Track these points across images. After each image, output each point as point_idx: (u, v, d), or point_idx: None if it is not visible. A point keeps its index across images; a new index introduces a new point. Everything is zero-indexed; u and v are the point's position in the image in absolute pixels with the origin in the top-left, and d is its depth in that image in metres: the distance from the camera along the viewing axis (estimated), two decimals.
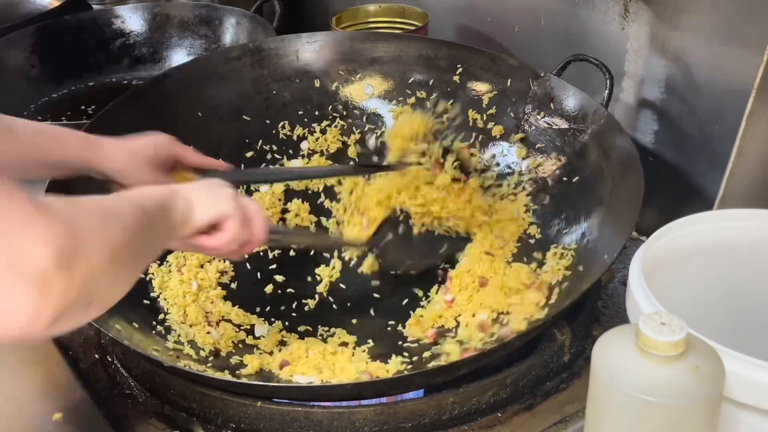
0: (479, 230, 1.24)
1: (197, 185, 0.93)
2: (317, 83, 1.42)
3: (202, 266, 1.22)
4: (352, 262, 1.26)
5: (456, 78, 1.36)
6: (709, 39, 1.15)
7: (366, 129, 1.41)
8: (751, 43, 1.04)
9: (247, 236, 0.95)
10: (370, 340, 1.12)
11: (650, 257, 0.90)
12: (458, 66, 1.37)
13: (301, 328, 1.15)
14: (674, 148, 1.25)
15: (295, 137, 1.40)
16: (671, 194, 1.24)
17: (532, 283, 1.12)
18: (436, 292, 1.19)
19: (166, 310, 1.14)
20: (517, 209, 1.25)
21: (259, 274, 1.25)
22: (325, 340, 1.12)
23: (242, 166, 1.35)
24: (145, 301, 1.15)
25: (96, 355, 1.11)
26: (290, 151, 1.39)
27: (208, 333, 1.11)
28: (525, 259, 1.19)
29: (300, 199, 1.35)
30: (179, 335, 1.09)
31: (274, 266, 1.26)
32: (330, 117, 1.41)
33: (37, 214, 0.63)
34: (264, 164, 1.38)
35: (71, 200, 0.70)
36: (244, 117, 1.39)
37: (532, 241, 1.21)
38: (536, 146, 1.29)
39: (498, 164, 1.32)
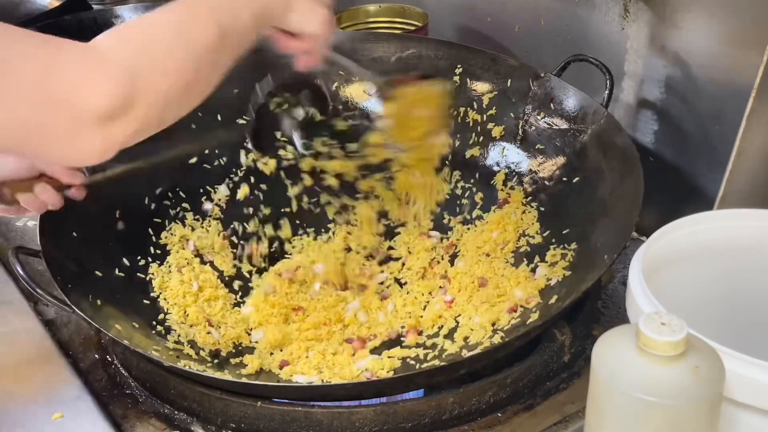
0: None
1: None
2: (317, 83, 1.42)
3: (203, 263, 1.23)
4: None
5: (456, 78, 1.36)
6: (709, 39, 1.15)
7: (365, 129, 1.41)
8: (751, 43, 1.04)
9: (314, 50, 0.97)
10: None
11: (650, 257, 0.90)
12: (458, 66, 1.37)
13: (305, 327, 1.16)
14: (674, 148, 1.25)
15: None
16: (671, 194, 1.24)
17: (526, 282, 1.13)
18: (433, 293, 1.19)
19: (166, 310, 1.14)
20: (517, 210, 1.25)
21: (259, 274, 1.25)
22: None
23: (241, 166, 1.36)
24: (145, 301, 1.15)
25: (96, 355, 1.11)
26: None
27: (208, 333, 1.12)
28: (525, 259, 1.19)
29: None
30: (179, 335, 1.10)
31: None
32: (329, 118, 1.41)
33: (91, 62, 0.68)
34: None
35: (134, 33, 0.73)
36: (244, 117, 1.38)
37: (532, 241, 1.21)
38: (536, 146, 1.29)
39: (498, 164, 1.32)
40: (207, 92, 0.81)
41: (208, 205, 1.31)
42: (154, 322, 1.11)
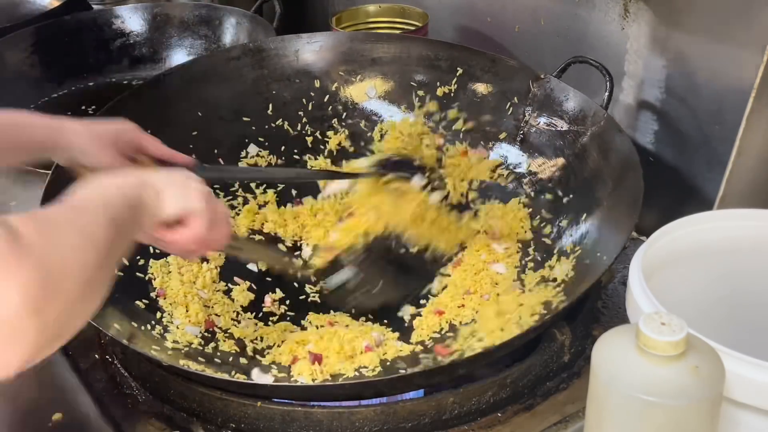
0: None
1: (168, 174, 0.90)
2: (317, 84, 1.42)
3: (204, 261, 1.23)
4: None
5: (456, 79, 1.36)
6: (709, 39, 1.15)
7: (365, 129, 1.41)
8: (751, 43, 1.04)
9: (209, 238, 0.92)
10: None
11: (650, 257, 0.90)
12: (458, 67, 1.37)
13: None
14: (674, 148, 1.25)
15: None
16: (671, 194, 1.24)
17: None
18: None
19: (165, 310, 1.14)
20: (517, 211, 1.25)
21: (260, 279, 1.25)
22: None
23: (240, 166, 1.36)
24: (145, 301, 1.15)
25: (96, 355, 1.11)
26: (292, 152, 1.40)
27: (208, 333, 1.12)
28: (524, 260, 1.19)
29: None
30: (179, 335, 1.09)
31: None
32: (329, 118, 1.42)
33: (7, 253, 0.60)
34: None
35: (45, 224, 0.66)
36: (244, 117, 1.39)
37: (532, 242, 1.21)
38: (536, 148, 1.29)
39: (498, 165, 1.32)
40: (103, 294, 0.72)
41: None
42: (154, 322, 1.11)
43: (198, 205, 0.90)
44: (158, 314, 1.13)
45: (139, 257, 1.20)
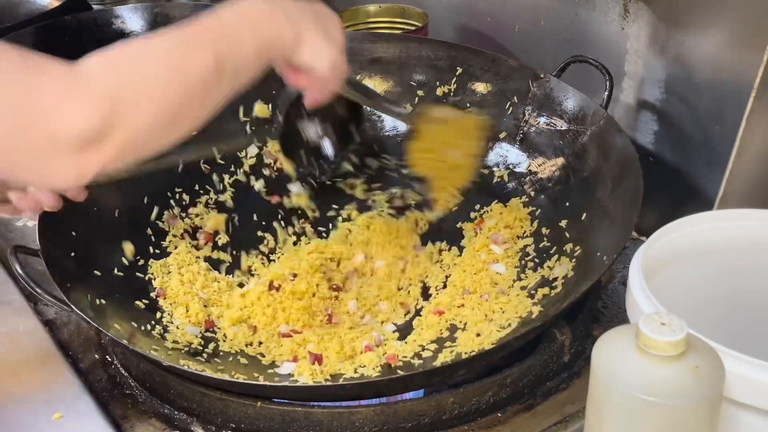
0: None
1: (313, 13, 0.88)
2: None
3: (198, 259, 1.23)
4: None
5: (455, 79, 1.36)
6: (709, 39, 1.15)
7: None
8: (751, 43, 1.04)
9: (323, 89, 0.94)
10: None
11: (650, 257, 0.90)
12: (458, 67, 1.37)
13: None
14: (674, 148, 1.25)
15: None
16: (671, 194, 1.24)
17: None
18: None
19: (165, 310, 1.14)
20: (517, 211, 1.25)
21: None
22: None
23: (242, 166, 1.36)
24: (145, 301, 1.15)
25: (96, 355, 1.11)
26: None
27: (208, 332, 1.12)
28: (524, 260, 1.19)
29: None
30: (179, 335, 1.09)
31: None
32: None
33: (71, 85, 0.66)
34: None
35: (123, 58, 0.70)
36: (244, 117, 1.38)
37: (531, 242, 1.21)
38: (536, 147, 1.29)
39: (498, 165, 1.32)
40: (197, 124, 0.75)
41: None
42: (154, 322, 1.11)
43: (327, 69, 0.90)
44: (158, 314, 1.13)
45: (138, 257, 1.20)
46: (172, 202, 1.29)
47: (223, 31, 0.77)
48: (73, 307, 0.99)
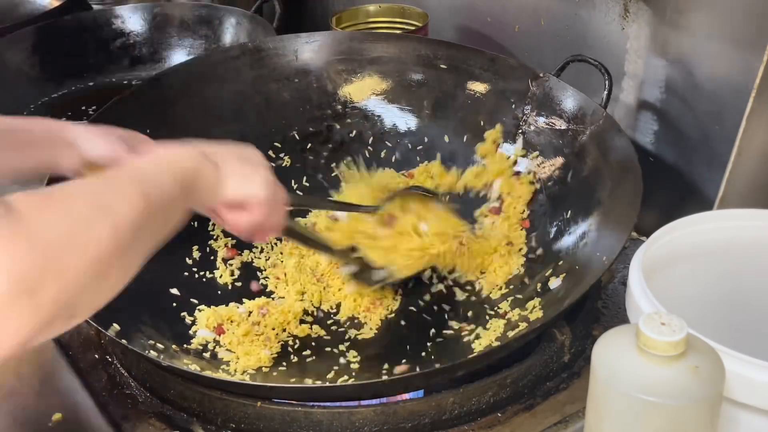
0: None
1: (231, 150, 0.86)
2: (316, 83, 1.42)
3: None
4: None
5: (455, 78, 1.36)
6: (709, 39, 1.15)
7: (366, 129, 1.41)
8: (751, 43, 1.04)
9: (267, 224, 0.90)
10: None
11: (650, 257, 0.90)
12: (457, 66, 1.37)
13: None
14: (674, 148, 1.25)
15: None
16: (671, 194, 1.24)
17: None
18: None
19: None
20: (516, 212, 1.25)
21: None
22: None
23: None
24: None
25: (96, 355, 1.11)
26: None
27: (206, 330, 1.12)
28: (523, 261, 1.20)
29: None
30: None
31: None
32: (328, 118, 1.42)
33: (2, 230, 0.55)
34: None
35: (50, 197, 0.61)
36: (244, 117, 1.39)
37: (531, 242, 1.21)
38: (535, 147, 1.29)
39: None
40: (128, 275, 0.68)
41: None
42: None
43: (262, 192, 0.87)
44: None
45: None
46: None
47: (146, 176, 0.73)
48: None
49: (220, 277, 1.22)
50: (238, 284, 1.22)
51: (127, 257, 0.66)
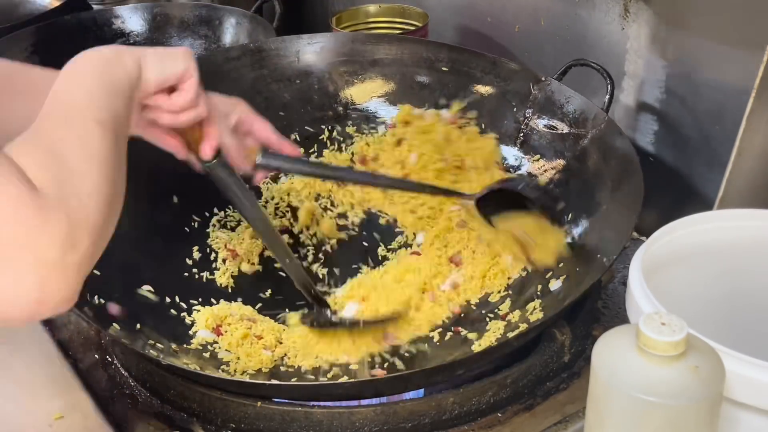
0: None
1: (141, 48, 0.88)
2: (317, 84, 1.42)
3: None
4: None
5: (456, 81, 1.36)
6: (709, 39, 1.15)
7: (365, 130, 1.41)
8: (751, 43, 1.04)
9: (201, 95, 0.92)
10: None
11: (650, 257, 0.90)
12: (459, 69, 1.37)
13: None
14: (674, 148, 1.25)
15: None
16: (671, 194, 1.24)
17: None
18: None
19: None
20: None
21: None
22: None
23: None
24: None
25: (96, 355, 1.11)
26: None
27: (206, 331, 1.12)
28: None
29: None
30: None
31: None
32: (330, 119, 1.42)
33: (28, 204, 0.64)
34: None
35: (51, 161, 0.68)
36: None
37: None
38: (536, 150, 1.29)
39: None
40: (120, 205, 0.76)
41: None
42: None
43: (184, 64, 0.90)
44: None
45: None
46: (174, 201, 1.29)
47: (92, 103, 0.77)
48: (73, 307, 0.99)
49: (220, 277, 1.22)
50: (238, 285, 1.22)
51: (118, 190, 0.75)
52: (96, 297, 1.06)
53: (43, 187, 0.66)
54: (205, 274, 1.22)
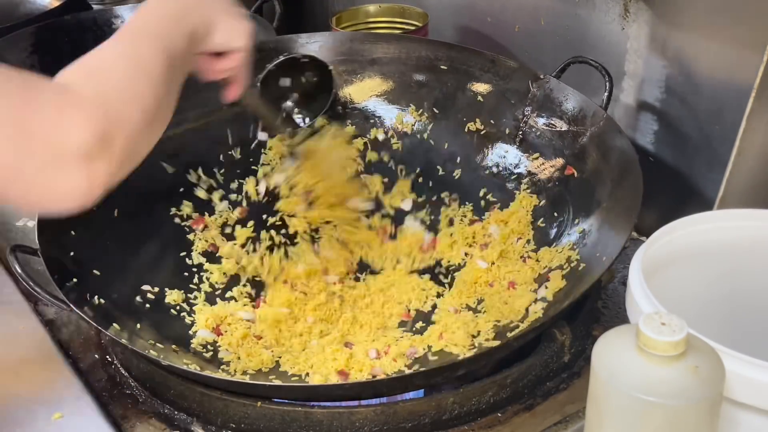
0: None
1: (218, 3, 0.93)
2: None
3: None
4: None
5: (455, 80, 1.36)
6: (709, 39, 1.15)
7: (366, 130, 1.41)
8: (751, 43, 1.04)
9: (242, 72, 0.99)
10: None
11: (650, 257, 0.90)
12: (458, 67, 1.37)
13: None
14: (674, 148, 1.25)
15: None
16: (671, 194, 1.24)
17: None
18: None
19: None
20: (516, 212, 1.25)
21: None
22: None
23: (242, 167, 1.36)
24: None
25: (96, 355, 1.11)
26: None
27: (206, 331, 1.12)
28: (523, 260, 1.19)
29: None
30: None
31: None
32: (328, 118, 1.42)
33: (65, 100, 0.69)
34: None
35: (96, 68, 0.75)
36: (244, 117, 1.38)
37: (531, 242, 1.21)
38: (535, 148, 1.29)
39: (497, 166, 1.32)
40: (167, 121, 0.81)
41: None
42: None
43: (243, 43, 0.96)
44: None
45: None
46: (174, 200, 1.29)
47: (161, 33, 0.83)
48: (73, 307, 0.99)
49: (220, 277, 1.22)
50: (238, 285, 1.22)
51: (163, 108, 0.79)
52: (96, 297, 1.06)
53: (78, 84, 0.71)
54: (206, 275, 1.22)
